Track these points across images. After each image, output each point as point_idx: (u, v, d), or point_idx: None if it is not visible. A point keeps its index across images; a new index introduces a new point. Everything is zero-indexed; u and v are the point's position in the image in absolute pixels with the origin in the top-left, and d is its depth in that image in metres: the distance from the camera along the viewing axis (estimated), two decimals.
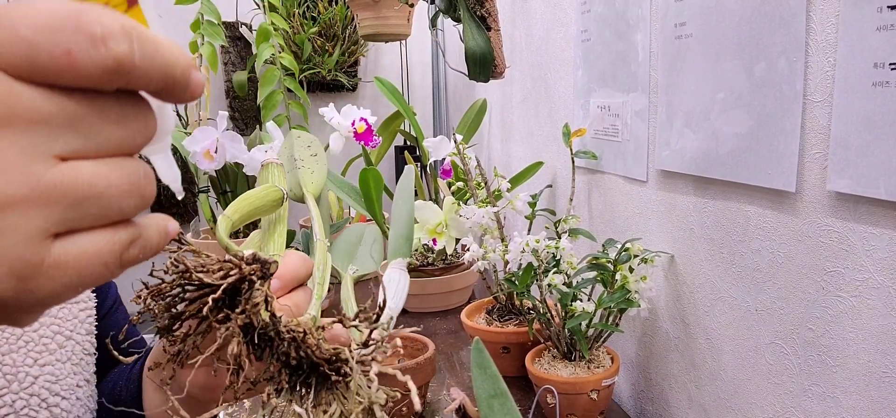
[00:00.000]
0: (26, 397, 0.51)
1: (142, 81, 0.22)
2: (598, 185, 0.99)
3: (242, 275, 0.32)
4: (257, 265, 0.33)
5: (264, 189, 0.46)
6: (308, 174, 0.61)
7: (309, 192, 0.58)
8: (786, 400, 0.61)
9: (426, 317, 1.28)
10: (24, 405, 0.51)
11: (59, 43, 0.20)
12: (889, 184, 0.47)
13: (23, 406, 0.51)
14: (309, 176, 0.61)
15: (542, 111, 1.23)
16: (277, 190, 0.47)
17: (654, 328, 0.84)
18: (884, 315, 0.50)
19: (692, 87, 0.71)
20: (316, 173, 0.61)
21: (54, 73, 0.20)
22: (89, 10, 0.21)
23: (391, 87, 1.53)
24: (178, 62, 0.23)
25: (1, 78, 0.20)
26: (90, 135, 0.22)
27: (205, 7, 1.68)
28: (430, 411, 0.87)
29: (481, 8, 1.03)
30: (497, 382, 0.40)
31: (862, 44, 0.49)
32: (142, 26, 0.22)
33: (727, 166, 0.66)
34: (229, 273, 0.32)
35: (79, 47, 0.20)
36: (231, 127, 2.03)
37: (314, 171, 0.61)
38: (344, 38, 1.98)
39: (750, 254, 0.65)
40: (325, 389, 0.35)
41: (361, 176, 1.22)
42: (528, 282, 0.82)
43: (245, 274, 0.32)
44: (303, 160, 0.62)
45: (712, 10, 0.66)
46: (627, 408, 0.93)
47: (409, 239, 0.63)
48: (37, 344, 0.53)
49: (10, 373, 0.51)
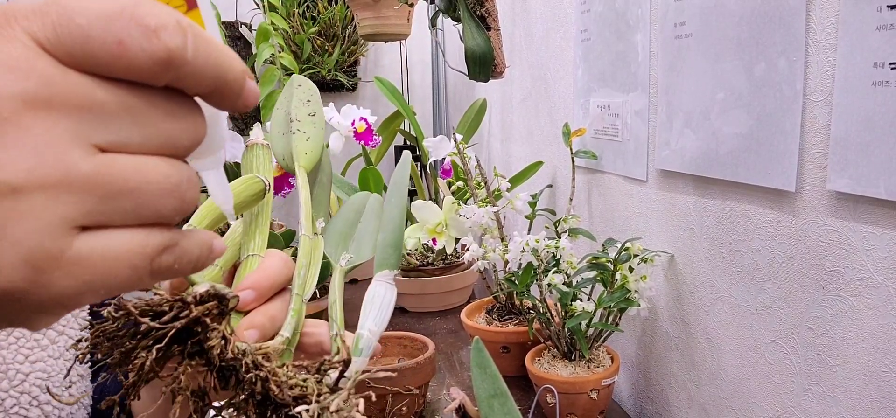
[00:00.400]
0: (17, 395, 0.50)
1: (193, 80, 0.22)
2: (598, 185, 0.99)
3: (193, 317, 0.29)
4: (213, 302, 0.29)
5: (242, 183, 0.41)
6: (302, 140, 0.50)
7: (300, 165, 0.49)
8: (786, 400, 0.61)
9: (426, 317, 1.28)
10: (14, 403, 0.49)
11: (112, 31, 0.20)
12: (889, 183, 0.47)
13: (13, 404, 0.49)
14: (302, 142, 0.50)
15: (541, 111, 1.23)
16: (258, 182, 0.41)
17: (654, 327, 0.84)
18: (884, 314, 0.50)
19: (692, 86, 0.71)
20: (311, 140, 0.51)
21: (106, 62, 0.20)
22: (145, 3, 0.20)
23: (391, 87, 1.53)
24: (233, 67, 0.23)
25: (49, 61, 0.20)
26: (134, 128, 0.21)
27: None
28: (430, 411, 0.87)
29: (481, 7, 1.03)
30: (497, 382, 0.40)
31: (862, 43, 0.49)
32: (198, 25, 0.22)
33: (727, 166, 0.66)
34: (179, 315, 0.28)
35: (131, 37, 0.20)
36: (231, 127, 2.02)
37: (310, 137, 0.51)
38: (344, 37, 1.99)
39: (750, 253, 0.65)
40: None
41: (361, 175, 1.22)
42: (528, 281, 0.82)
43: (196, 316, 0.29)
44: (299, 120, 0.51)
45: (712, 9, 0.66)
46: (627, 408, 0.93)
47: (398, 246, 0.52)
48: (28, 340, 0.52)
49: (0, 370, 0.49)
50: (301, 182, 0.47)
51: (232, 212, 0.31)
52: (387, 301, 0.47)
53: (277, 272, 0.38)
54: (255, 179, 0.41)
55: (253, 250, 0.40)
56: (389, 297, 0.47)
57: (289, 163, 0.49)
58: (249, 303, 0.36)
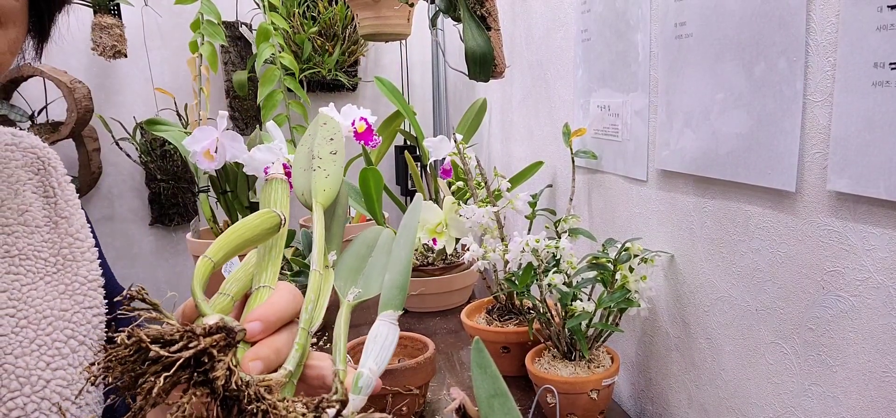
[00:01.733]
0: (38, 401, 0.51)
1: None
2: (598, 185, 0.99)
3: (201, 348, 0.31)
4: (221, 335, 0.32)
5: (258, 217, 0.43)
6: (322, 178, 0.52)
7: (318, 201, 0.50)
8: (786, 400, 0.61)
9: (426, 317, 1.28)
10: (35, 408, 0.50)
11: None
12: (889, 183, 0.47)
13: (34, 409, 0.50)
14: (322, 180, 0.52)
15: (542, 111, 1.23)
16: (273, 217, 0.43)
17: (654, 328, 0.84)
18: (884, 314, 0.50)
19: (692, 86, 0.71)
20: (331, 177, 0.53)
21: None
22: None
23: (391, 87, 1.53)
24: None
25: None
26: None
27: (205, 7, 1.68)
28: (430, 411, 0.87)
29: (481, 7, 1.03)
30: (497, 382, 0.40)
31: (862, 43, 0.49)
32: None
33: (727, 166, 0.66)
34: (188, 345, 0.30)
35: None
36: (231, 126, 2.02)
37: (329, 175, 0.53)
38: (344, 37, 1.98)
39: (750, 253, 0.65)
40: None
41: (361, 176, 1.22)
42: (528, 281, 0.82)
43: (204, 347, 0.31)
44: (321, 159, 0.53)
45: (712, 10, 0.66)
46: (627, 408, 0.93)
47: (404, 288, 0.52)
48: (50, 348, 0.53)
49: (23, 376, 0.50)
50: (317, 218, 0.48)
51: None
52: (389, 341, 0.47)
53: (285, 305, 0.39)
54: (271, 213, 0.43)
55: (264, 282, 0.41)
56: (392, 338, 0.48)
57: (307, 200, 0.51)
58: (256, 334, 0.37)
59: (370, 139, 1.45)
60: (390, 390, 0.79)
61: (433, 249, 1.34)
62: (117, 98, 2.00)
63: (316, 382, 0.40)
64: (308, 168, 0.53)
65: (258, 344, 0.37)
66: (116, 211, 2.04)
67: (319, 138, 0.55)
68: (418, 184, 1.50)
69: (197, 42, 1.69)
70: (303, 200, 0.52)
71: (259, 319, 0.37)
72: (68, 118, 1.80)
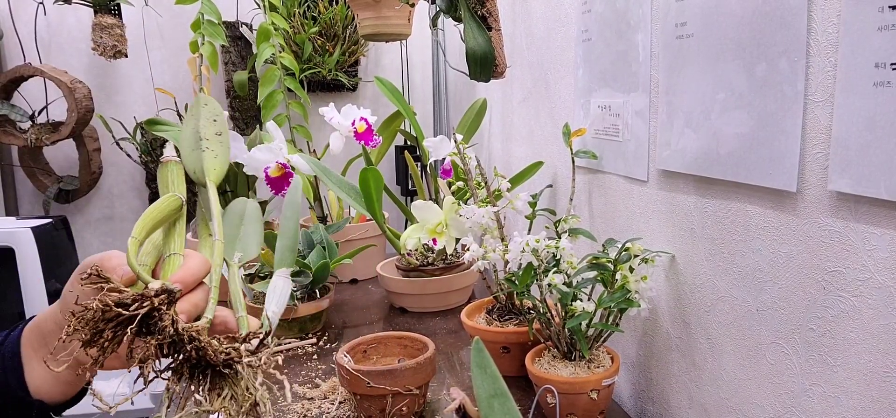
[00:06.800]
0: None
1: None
2: (598, 185, 0.99)
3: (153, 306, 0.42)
4: (165, 295, 0.43)
5: (165, 201, 0.51)
6: (211, 158, 0.57)
7: (210, 180, 0.56)
8: (787, 400, 0.61)
9: (426, 317, 1.28)
10: None
11: None
12: (890, 184, 0.47)
13: None
14: (211, 160, 0.57)
15: (542, 111, 1.22)
16: (176, 199, 0.52)
17: (654, 328, 0.84)
18: (885, 314, 0.50)
19: (693, 87, 0.71)
20: (219, 157, 0.58)
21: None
22: None
23: (391, 87, 1.53)
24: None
25: None
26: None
27: (205, 7, 1.68)
28: (431, 411, 0.87)
29: (482, 8, 1.03)
30: (497, 382, 0.40)
31: (863, 44, 0.49)
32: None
33: (728, 166, 0.66)
34: (142, 305, 0.41)
35: None
36: (231, 126, 2.02)
37: (217, 155, 0.58)
38: (344, 37, 1.98)
39: (751, 253, 0.65)
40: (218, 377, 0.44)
41: (361, 176, 1.22)
42: (528, 281, 0.82)
43: (155, 305, 0.42)
44: (207, 139, 0.59)
45: (713, 10, 0.66)
46: (628, 408, 0.93)
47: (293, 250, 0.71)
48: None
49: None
50: (212, 195, 0.55)
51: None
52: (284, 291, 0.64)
53: (198, 269, 0.49)
54: (175, 196, 0.53)
55: (173, 250, 0.51)
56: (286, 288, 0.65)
57: (200, 178, 0.57)
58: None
59: (370, 139, 1.45)
60: (390, 390, 0.79)
61: (433, 249, 1.34)
62: (118, 98, 2.00)
63: (220, 328, 0.50)
64: (196, 148, 0.59)
65: (180, 300, 0.46)
66: (116, 211, 2.04)
67: (203, 119, 0.61)
68: (418, 184, 1.50)
69: (197, 42, 1.69)
70: (195, 178, 0.58)
71: (180, 281, 0.46)
72: (69, 118, 1.80)
